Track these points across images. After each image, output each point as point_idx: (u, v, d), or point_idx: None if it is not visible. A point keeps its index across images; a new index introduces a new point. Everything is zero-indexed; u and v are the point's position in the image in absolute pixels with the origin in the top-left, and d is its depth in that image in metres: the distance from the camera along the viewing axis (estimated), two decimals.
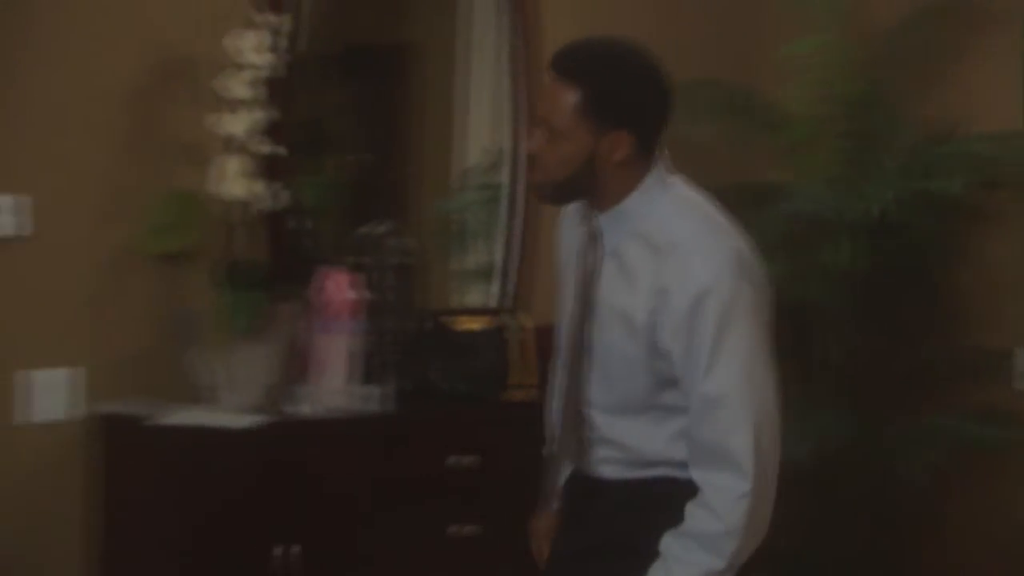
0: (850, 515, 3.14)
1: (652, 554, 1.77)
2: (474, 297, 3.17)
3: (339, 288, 2.60)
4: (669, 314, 1.73)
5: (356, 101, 3.10)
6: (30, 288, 2.42)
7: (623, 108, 1.76)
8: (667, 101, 1.80)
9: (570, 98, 1.74)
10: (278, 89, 2.58)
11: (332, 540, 2.43)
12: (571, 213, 1.94)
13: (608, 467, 1.87)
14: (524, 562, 2.03)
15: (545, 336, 2.32)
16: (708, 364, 1.73)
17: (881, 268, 3.14)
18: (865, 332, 3.19)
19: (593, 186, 1.80)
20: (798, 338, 3.26)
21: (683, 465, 1.79)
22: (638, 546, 1.79)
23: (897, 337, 3.23)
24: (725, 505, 1.73)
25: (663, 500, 1.79)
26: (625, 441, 1.84)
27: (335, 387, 2.55)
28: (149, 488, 2.42)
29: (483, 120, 3.24)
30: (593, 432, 1.87)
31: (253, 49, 2.46)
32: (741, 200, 3.37)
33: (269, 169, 2.61)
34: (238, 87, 2.44)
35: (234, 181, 2.48)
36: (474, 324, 2.86)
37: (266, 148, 2.53)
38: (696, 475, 1.77)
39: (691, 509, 1.76)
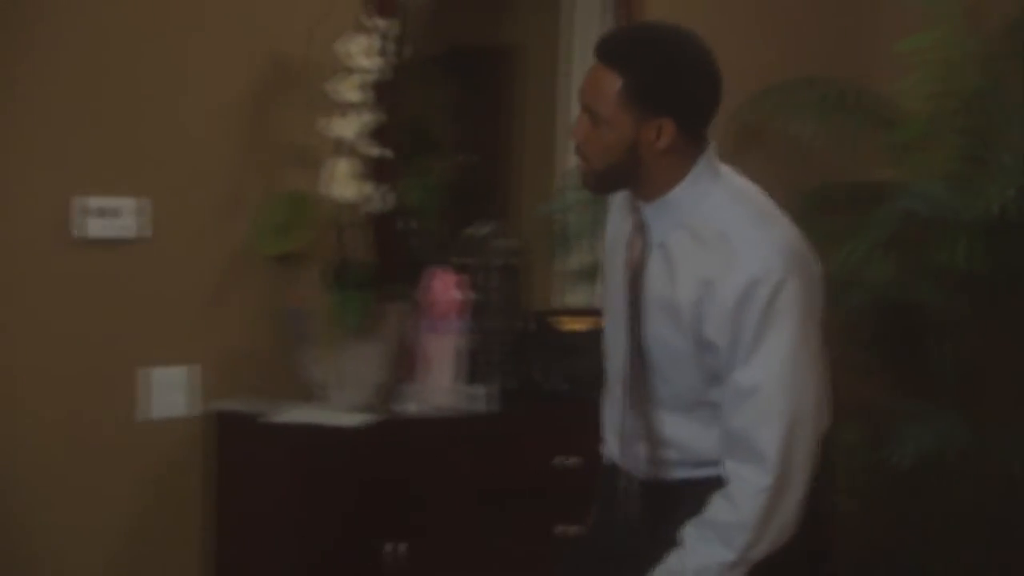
0: (966, 523, 3.05)
1: None
2: (577, 298, 3.16)
3: (446, 288, 2.62)
4: (715, 306, 1.69)
5: (460, 103, 3.12)
6: (150, 288, 2.49)
7: (665, 95, 1.71)
8: (713, 88, 1.75)
9: (613, 85, 1.71)
10: (385, 92, 2.62)
11: (439, 538, 2.45)
12: (619, 205, 1.91)
13: (675, 469, 1.84)
14: (627, 563, 2.01)
15: None
16: (747, 354, 1.69)
17: (999, 268, 3.04)
18: (982, 335, 3.09)
19: (638, 175, 1.76)
20: (911, 341, 3.18)
21: None
22: None
23: (1016, 340, 3.12)
24: (744, 497, 1.70)
25: None
26: (680, 439, 1.82)
27: (442, 386, 2.57)
28: (261, 484, 2.47)
29: None
30: (655, 433, 1.85)
31: (363, 53, 2.49)
32: (852, 199, 3.33)
33: (376, 171, 2.64)
34: (348, 91, 2.48)
35: (344, 183, 2.51)
36: (577, 325, 2.86)
37: (374, 150, 2.56)
38: (726, 465, 1.74)
39: (714, 498, 1.74)
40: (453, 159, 3.03)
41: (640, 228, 1.81)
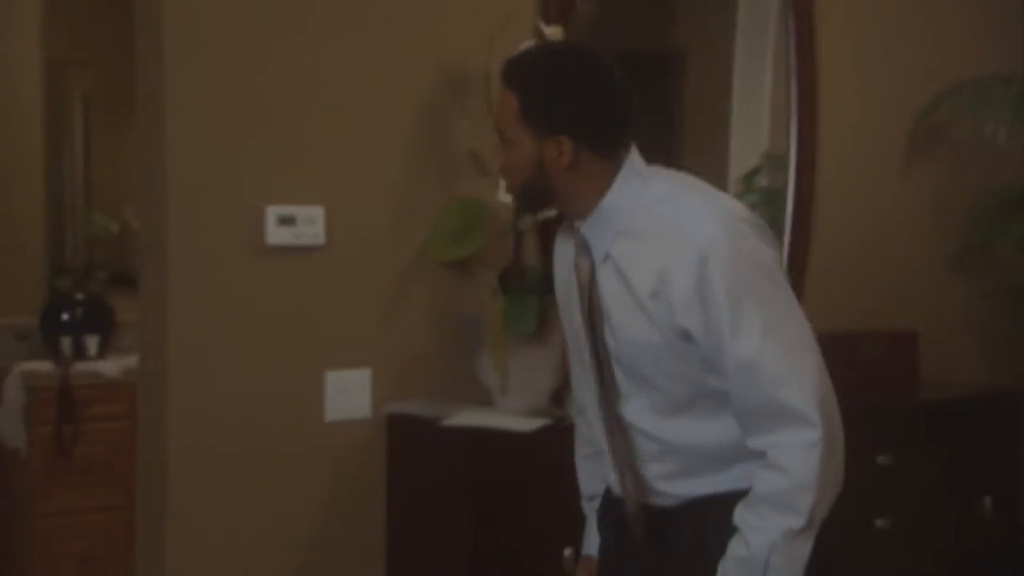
0: None
1: None
2: None
3: None
4: (677, 291, 1.67)
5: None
6: (330, 294, 2.55)
7: (555, 113, 1.72)
8: (609, 105, 1.73)
9: (511, 106, 1.74)
10: None
11: None
12: (560, 238, 1.90)
13: (672, 484, 1.79)
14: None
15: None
16: (732, 329, 1.65)
17: None
18: None
19: (554, 191, 1.77)
20: None
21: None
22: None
23: None
24: (793, 459, 1.64)
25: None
26: (681, 442, 1.76)
27: None
28: (434, 487, 2.50)
29: (761, 123, 3.18)
30: (644, 448, 1.80)
31: None
32: None
33: None
34: None
35: None
36: None
37: None
38: (755, 444, 1.68)
39: (758, 474, 1.67)
40: None
41: (583, 248, 1.80)
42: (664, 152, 3.19)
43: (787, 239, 3.10)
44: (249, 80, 2.44)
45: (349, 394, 2.57)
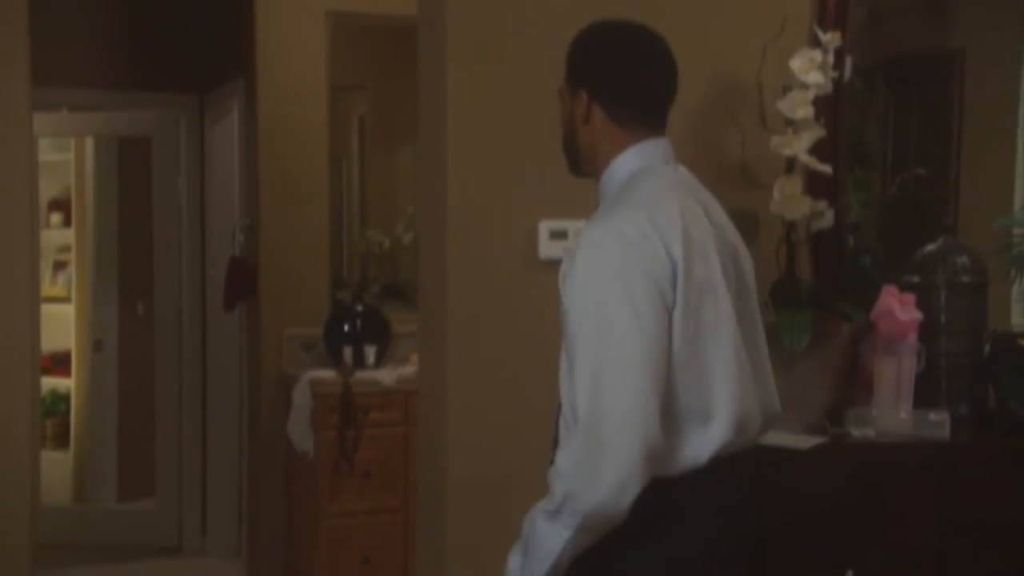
0: None
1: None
2: None
3: (897, 308, 2.50)
4: (560, 277, 1.80)
5: (898, 113, 2.99)
6: None
7: (579, 66, 1.88)
8: (634, 75, 1.85)
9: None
10: (826, 106, 2.56)
11: (894, 571, 2.34)
12: None
13: None
14: None
15: None
16: (564, 325, 1.76)
17: None
18: None
19: (578, 150, 1.91)
20: None
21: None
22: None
23: None
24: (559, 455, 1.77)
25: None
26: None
27: (893, 410, 2.46)
28: None
29: None
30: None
31: (815, 68, 2.44)
32: None
33: (816, 187, 2.59)
34: (799, 107, 2.44)
35: (791, 200, 2.48)
36: None
37: (821, 167, 2.50)
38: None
39: None
40: (900, 173, 2.90)
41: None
42: (941, 159, 3.08)
43: None
44: (525, 101, 2.51)
45: None
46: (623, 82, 1.86)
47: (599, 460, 1.70)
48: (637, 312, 1.72)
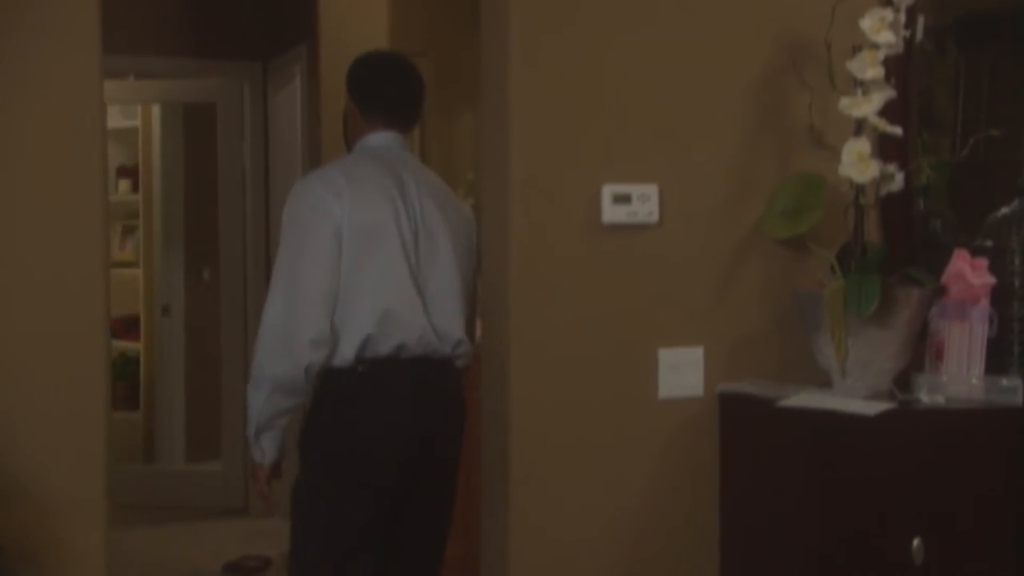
0: None
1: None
2: None
3: (969, 272, 2.46)
4: None
5: (970, 74, 2.91)
6: (662, 271, 2.58)
7: (348, 78, 2.74)
8: (372, 83, 2.70)
9: None
10: (897, 67, 2.51)
11: (963, 539, 2.31)
12: None
13: None
14: None
15: None
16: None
17: None
18: None
19: (346, 135, 2.81)
20: None
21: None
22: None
23: None
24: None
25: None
26: None
27: (964, 377, 2.42)
28: (771, 468, 2.46)
29: None
30: None
31: (886, 27, 2.39)
32: None
33: (886, 150, 2.54)
34: (869, 68, 2.39)
35: (860, 163, 2.43)
36: None
37: (891, 129, 2.46)
38: None
39: None
40: (965, 135, 2.84)
41: None
42: (1013, 121, 2.98)
43: None
44: (589, 66, 2.49)
45: (681, 372, 2.58)
46: (365, 90, 2.71)
47: (273, 345, 2.48)
48: (319, 241, 2.47)
